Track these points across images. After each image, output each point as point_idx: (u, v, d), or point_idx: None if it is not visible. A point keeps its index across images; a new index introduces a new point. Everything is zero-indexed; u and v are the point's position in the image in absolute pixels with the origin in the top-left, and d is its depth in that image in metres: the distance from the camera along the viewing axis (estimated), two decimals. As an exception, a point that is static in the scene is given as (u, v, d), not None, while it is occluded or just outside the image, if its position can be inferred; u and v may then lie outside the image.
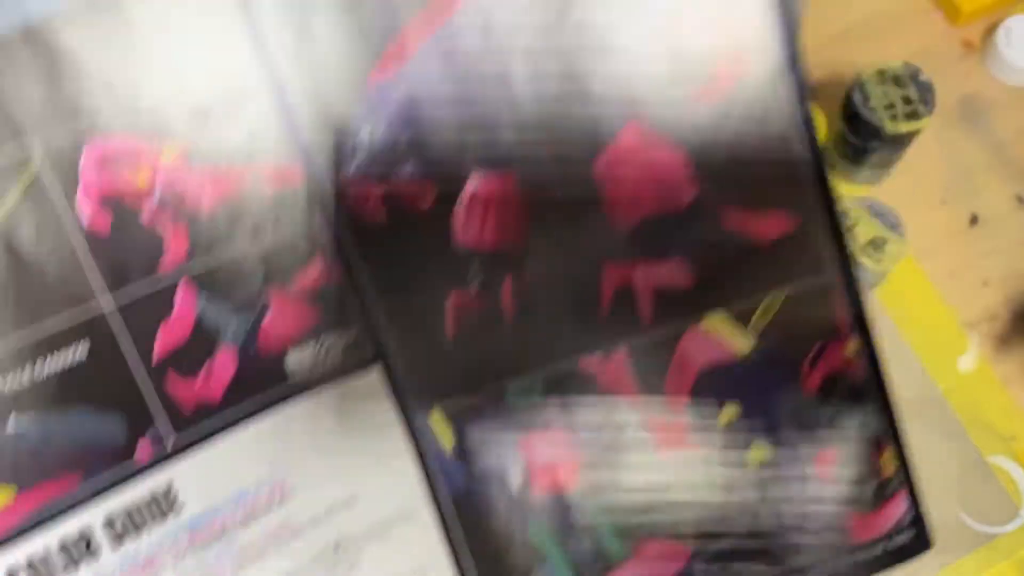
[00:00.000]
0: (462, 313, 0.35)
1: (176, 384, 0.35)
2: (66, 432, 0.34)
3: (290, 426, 0.34)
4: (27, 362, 0.32)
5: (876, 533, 0.38)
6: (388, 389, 0.35)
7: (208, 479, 0.35)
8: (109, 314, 0.33)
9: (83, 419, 0.34)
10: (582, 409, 0.34)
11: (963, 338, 0.69)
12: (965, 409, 0.67)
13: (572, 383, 0.35)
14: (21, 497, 0.34)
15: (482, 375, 0.35)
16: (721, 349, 0.36)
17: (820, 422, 0.37)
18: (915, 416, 0.67)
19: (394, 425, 0.35)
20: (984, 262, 0.71)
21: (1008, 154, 0.73)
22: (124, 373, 0.34)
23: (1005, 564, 0.64)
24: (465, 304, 0.35)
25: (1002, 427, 0.67)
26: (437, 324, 0.35)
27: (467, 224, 0.34)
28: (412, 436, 0.35)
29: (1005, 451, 0.66)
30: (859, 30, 0.77)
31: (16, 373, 0.33)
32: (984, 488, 0.66)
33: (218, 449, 0.35)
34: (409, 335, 0.34)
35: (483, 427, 0.35)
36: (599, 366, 0.35)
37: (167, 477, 0.35)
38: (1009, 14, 0.76)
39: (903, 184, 0.73)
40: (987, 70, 0.76)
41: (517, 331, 0.35)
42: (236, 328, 0.34)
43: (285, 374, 0.35)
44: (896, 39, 0.77)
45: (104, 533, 0.34)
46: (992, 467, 0.66)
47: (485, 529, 0.35)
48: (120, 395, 0.34)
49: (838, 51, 0.77)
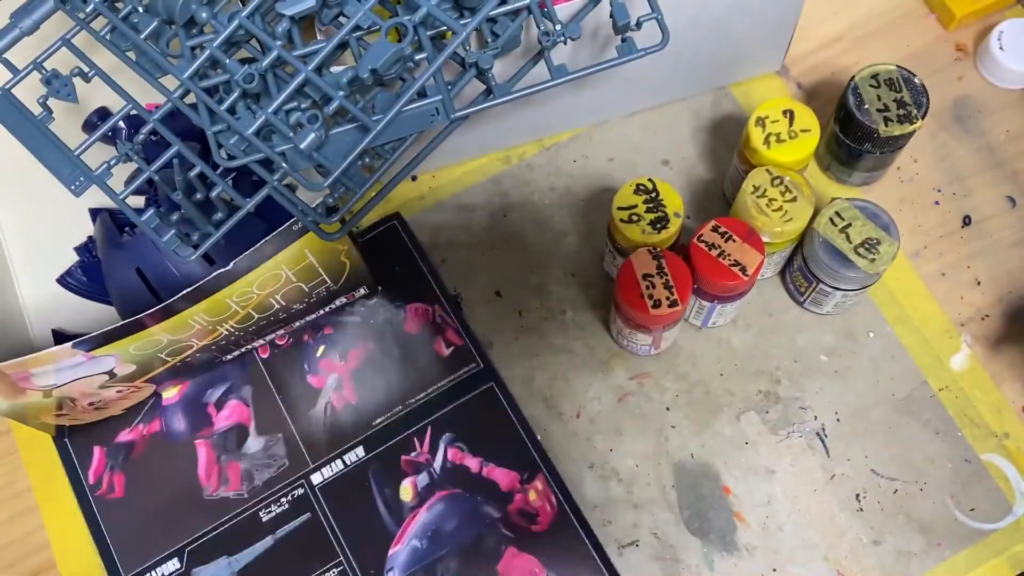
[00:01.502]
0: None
1: None
2: None
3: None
4: None
5: None
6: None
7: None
8: None
9: None
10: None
11: (955, 337, 0.70)
12: (958, 407, 0.68)
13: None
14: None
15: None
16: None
17: None
18: (909, 415, 0.69)
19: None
20: (976, 262, 0.72)
21: (1000, 156, 0.74)
22: None
23: (998, 560, 0.65)
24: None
25: (995, 425, 0.68)
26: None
27: None
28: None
29: (998, 449, 0.67)
30: (853, 34, 0.78)
31: None
32: (977, 485, 0.66)
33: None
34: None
35: None
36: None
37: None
38: (1002, 18, 0.77)
39: (896, 186, 0.74)
40: (980, 74, 0.77)
41: None
42: None
43: None
44: (890, 43, 0.78)
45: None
46: (985, 465, 0.67)
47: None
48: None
49: (832, 55, 0.78)
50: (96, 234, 0.72)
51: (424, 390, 0.70)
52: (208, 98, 0.55)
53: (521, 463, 0.68)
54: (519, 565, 0.66)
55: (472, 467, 0.68)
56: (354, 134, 0.54)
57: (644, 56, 0.57)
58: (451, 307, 0.72)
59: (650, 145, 0.76)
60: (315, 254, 0.61)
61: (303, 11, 0.55)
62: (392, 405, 0.70)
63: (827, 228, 0.64)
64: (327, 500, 0.68)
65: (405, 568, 0.66)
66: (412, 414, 0.70)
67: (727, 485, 0.67)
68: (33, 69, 0.62)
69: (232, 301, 0.61)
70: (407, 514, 0.68)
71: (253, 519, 0.68)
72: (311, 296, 0.67)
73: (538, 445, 0.69)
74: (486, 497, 0.68)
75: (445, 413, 0.70)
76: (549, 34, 0.55)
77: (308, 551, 0.68)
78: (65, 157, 0.60)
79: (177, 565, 0.68)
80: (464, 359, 0.71)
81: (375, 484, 0.68)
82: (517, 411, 0.70)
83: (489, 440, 0.69)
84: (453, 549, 0.66)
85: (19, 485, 0.70)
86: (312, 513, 0.68)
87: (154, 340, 0.61)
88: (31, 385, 0.61)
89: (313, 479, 0.69)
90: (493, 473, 0.68)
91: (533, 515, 0.67)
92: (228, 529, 0.68)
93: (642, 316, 0.62)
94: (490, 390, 0.70)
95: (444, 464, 0.69)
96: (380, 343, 0.72)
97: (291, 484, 0.69)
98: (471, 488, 0.68)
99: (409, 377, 0.71)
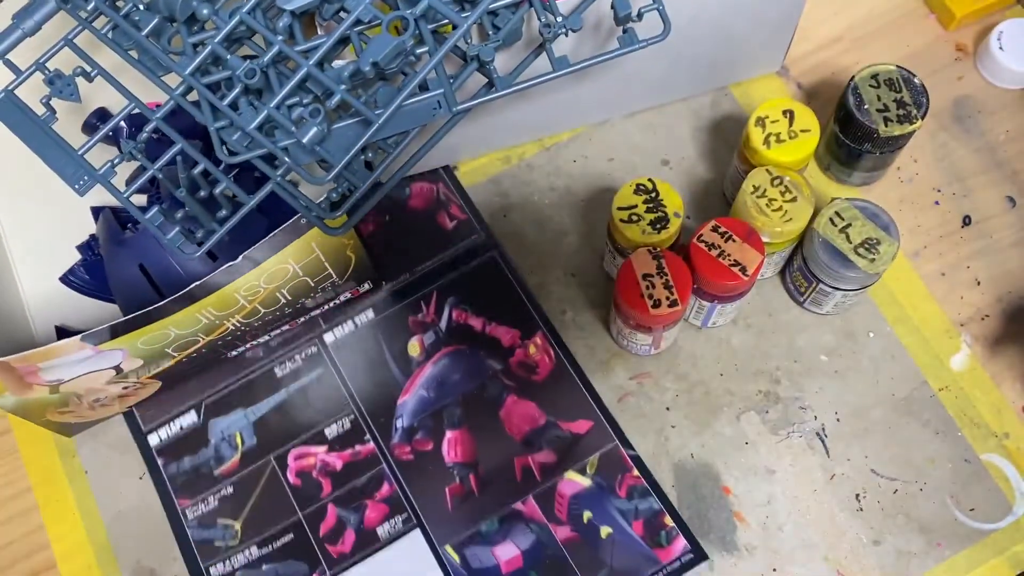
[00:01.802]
0: (453, 494, 0.68)
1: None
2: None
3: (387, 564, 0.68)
4: None
5: (670, 558, 0.66)
6: (423, 537, 0.68)
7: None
8: None
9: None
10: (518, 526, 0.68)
11: (955, 337, 0.70)
12: (958, 407, 0.68)
13: (513, 518, 0.67)
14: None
15: (467, 525, 0.68)
16: (577, 485, 0.68)
17: (629, 510, 0.67)
18: (909, 415, 0.69)
19: (428, 554, 0.67)
20: (976, 262, 0.72)
21: (1000, 156, 0.74)
22: None
23: (998, 560, 0.65)
24: (454, 491, 0.68)
25: (995, 425, 0.68)
26: (442, 502, 0.68)
27: (450, 451, 0.69)
28: (438, 557, 0.67)
29: (998, 449, 0.67)
30: (853, 34, 0.78)
31: None
32: (977, 485, 0.66)
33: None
34: (431, 509, 0.68)
35: (472, 548, 0.67)
36: (524, 506, 0.67)
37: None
38: (1002, 18, 0.78)
39: (896, 186, 0.74)
40: (980, 74, 0.77)
41: (481, 498, 0.68)
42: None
43: (379, 538, 0.69)
44: (890, 43, 0.78)
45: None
46: (985, 465, 0.67)
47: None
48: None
49: (832, 55, 0.78)
50: (99, 232, 0.72)
51: (430, 259, 0.75)
52: (210, 94, 0.56)
53: (521, 322, 0.72)
54: (519, 411, 0.70)
55: (476, 326, 0.73)
56: (356, 128, 0.55)
57: (646, 47, 0.57)
58: (452, 183, 0.77)
59: (650, 145, 0.76)
60: (321, 248, 0.62)
61: (304, 6, 0.55)
62: (399, 273, 0.74)
63: (827, 228, 0.64)
64: (339, 356, 0.73)
65: (414, 415, 0.71)
66: (419, 280, 0.74)
67: (727, 485, 0.67)
68: (36, 69, 0.62)
69: (240, 295, 0.61)
70: (415, 368, 0.72)
71: (268, 375, 0.72)
72: (316, 290, 0.67)
73: (538, 307, 0.73)
74: (489, 352, 0.72)
75: (450, 279, 0.74)
76: (550, 26, 0.56)
77: (321, 402, 0.72)
78: (69, 157, 0.61)
79: (194, 418, 0.71)
80: (467, 231, 0.75)
81: (384, 342, 0.73)
82: (518, 278, 0.74)
83: (491, 303, 0.73)
84: (458, 398, 0.71)
85: (19, 485, 0.70)
86: (325, 368, 0.72)
87: (162, 334, 0.61)
88: (38, 380, 0.61)
89: (326, 338, 0.73)
90: (495, 331, 0.72)
91: (533, 366, 0.71)
92: (244, 385, 0.72)
93: (642, 316, 0.62)
94: (492, 258, 0.75)
95: (449, 323, 0.73)
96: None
97: (305, 343, 0.73)
98: (475, 344, 0.72)
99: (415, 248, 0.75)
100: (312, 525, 0.68)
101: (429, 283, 0.74)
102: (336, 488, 0.69)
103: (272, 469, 0.70)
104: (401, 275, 0.74)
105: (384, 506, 0.68)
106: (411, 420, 0.70)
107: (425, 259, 0.74)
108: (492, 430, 0.69)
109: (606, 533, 0.67)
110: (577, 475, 0.68)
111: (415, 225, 0.75)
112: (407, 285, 0.74)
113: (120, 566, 0.68)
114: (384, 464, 0.69)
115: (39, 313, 0.73)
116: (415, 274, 0.74)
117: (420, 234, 0.75)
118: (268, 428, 0.71)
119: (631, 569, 0.66)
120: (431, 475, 0.69)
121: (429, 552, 0.67)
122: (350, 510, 0.69)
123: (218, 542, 0.68)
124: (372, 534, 0.68)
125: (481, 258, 0.74)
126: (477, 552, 0.67)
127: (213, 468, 0.70)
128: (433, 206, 0.76)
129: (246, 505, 0.69)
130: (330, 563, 0.67)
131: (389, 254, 0.74)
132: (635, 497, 0.67)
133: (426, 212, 0.76)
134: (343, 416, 0.71)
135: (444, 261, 0.74)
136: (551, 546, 0.66)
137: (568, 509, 0.67)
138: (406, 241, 0.75)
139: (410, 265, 0.74)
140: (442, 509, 0.68)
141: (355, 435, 0.70)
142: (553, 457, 0.68)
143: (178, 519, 0.69)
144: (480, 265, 0.74)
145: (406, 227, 0.75)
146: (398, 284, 0.74)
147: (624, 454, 0.68)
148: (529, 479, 0.68)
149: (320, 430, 0.71)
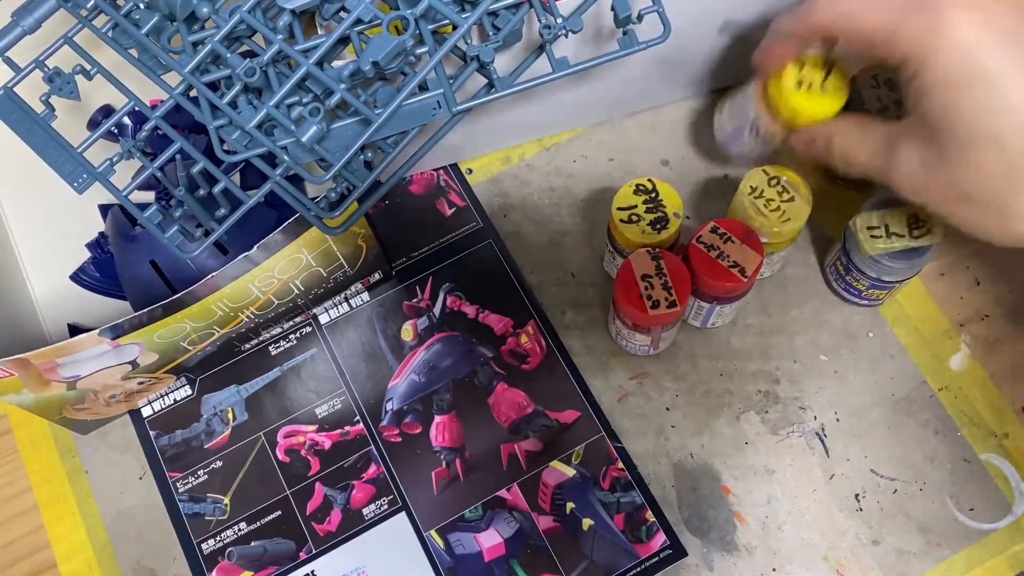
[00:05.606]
0: (439, 478, 0.69)
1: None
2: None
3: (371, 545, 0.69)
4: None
5: (648, 553, 0.66)
6: (408, 520, 0.68)
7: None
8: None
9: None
10: (501, 514, 0.68)
11: (955, 337, 0.70)
12: (957, 407, 0.68)
13: (497, 505, 0.68)
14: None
15: (452, 509, 0.68)
16: (562, 474, 0.68)
17: (612, 503, 0.67)
18: (908, 415, 0.69)
19: (413, 537, 0.68)
20: (976, 262, 0.72)
21: (999, 157, 0.74)
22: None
23: (997, 560, 0.65)
24: (440, 475, 0.69)
25: (994, 425, 0.68)
26: (428, 486, 0.69)
27: (437, 436, 0.70)
28: (422, 541, 0.68)
29: (997, 449, 0.67)
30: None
31: None
32: (976, 485, 0.66)
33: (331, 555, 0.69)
34: (416, 492, 0.69)
35: (456, 534, 0.68)
36: (508, 494, 0.68)
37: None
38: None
39: (896, 187, 0.74)
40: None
41: (466, 483, 0.69)
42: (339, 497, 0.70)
43: (364, 518, 0.69)
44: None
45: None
46: (984, 465, 0.67)
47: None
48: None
49: (832, 56, 0.78)
50: (108, 229, 0.72)
51: (427, 245, 0.75)
52: (210, 92, 0.56)
53: (514, 311, 0.73)
54: (508, 398, 0.71)
55: (469, 313, 0.73)
56: (356, 127, 0.55)
57: (646, 49, 0.57)
58: (453, 171, 0.77)
59: (650, 145, 0.76)
60: (334, 237, 0.62)
61: (304, 5, 0.55)
62: (396, 258, 0.75)
63: (876, 246, 0.63)
64: (333, 337, 0.73)
65: (404, 399, 0.71)
66: (415, 265, 0.75)
67: (727, 485, 0.67)
68: (35, 67, 0.62)
69: (254, 286, 0.62)
70: (407, 352, 0.73)
71: (262, 353, 0.73)
72: (328, 281, 0.68)
73: (532, 296, 0.73)
74: (481, 339, 0.73)
75: (446, 265, 0.75)
76: (550, 27, 0.56)
77: (313, 382, 0.72)
78: (68, 154, 0.61)
79: (189, 392, 0.72)
80: (465, 219, 0.76)
81: (378, 324, 0.74)
82: (513, 266, 0.74)
83: (486, 291, 0.74)
84: (448, 383, 0.71)
85: (19, 485, 0.70)
86: (318, 348, 0.73)
87: (179, 327, 0.62)
88: (56, 377, 0.61)
89: (321, 319, 0.74)
90: (488, 319, 0.73)
91: (524, 355, 0.72)
92: (238, 362, 0.73)
93: (641, 317, 0.62)
94: (488, 246, 0.75)
95: (443, 309, 0.74)
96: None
97: (299, 323, 0.73)
98: (467, 331, 0.73)
99: (412, 233, 0.76)
100: (299, 502, 0.69)
101: (425, 268, 0.74)
102: (324, 467, 0.70)
103: (262, 445, 0.70)
104: (398, 260, 0.74)
105: (371, 487, 0.69)
106: (401, 403, 0.71)
107: (422, 245, 0.75)
108: (480, 416, 0.70)
109: (587, 526, 0.67)
110: (562, 465, 0.69)
111: (414, 211, 0.76)
112: (403, 270, 0.74)
113: (120, 566, 0.68)
114: (372, 446, 0.70)
115: (50, 312, 0.74)
116: (412, 259, 0.75)
117: (419, 220, 0.76)
118: (260, 405, 0.71)
119: (610, 563, 0.66)
120: (418, 458, 0.70)
121: (414, 535, 0.68)
122: (337, 489, 0.69)
123: (208, 516, 0.69)
124: (358, 514, 0.69)
125: (478, 246, 0.75)
126: (461, 538, 0.68)
127: (204, 442, 0.71)
128: (433, 192, 0.77)
129: (235, 480, 0.70)
130: (316, 541, 0.68)
131: (387, 238, 0.75)
132: (618, 490, 0.67)
133: (425, 198, 0.76)
134: (334, 396, 0.71)
135: (441, 247, 0.75)
136: (533, 536, 0.67)
137: (551, 499, 0.68)
138: (404, 226, 0.75)
139: (407, 250, 0.75)
140: (428, 492, 0.69)
141: (345, 416, 0.71)
142: (539, 445, 0.69)
143: (169, 492, 0.70)
144: (476, 253, 0.75)
145: (405, 212, 0.76)
146: (395, 268, 0.74)
147: (610, 446, 0.68)
148: (515, 466, 0.69)
149: (311, 409, 0.71)
